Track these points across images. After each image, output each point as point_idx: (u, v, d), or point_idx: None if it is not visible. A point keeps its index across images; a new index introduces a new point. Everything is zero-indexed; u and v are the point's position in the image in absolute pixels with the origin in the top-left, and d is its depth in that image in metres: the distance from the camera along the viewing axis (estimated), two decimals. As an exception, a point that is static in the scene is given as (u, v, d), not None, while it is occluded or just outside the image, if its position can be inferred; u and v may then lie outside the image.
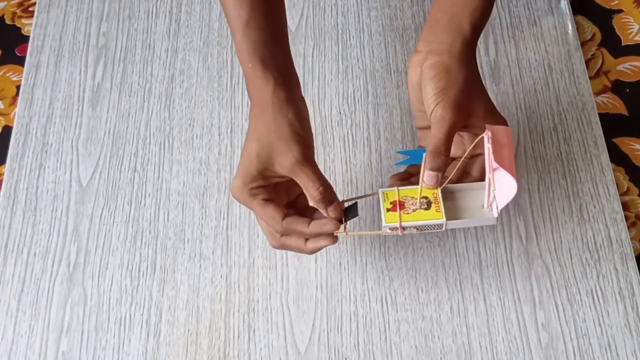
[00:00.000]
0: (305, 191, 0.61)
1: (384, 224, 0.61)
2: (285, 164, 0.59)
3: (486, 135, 0.57)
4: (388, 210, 0.61)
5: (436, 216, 0.61)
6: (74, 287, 0.70)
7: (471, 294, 0.68)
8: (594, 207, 0.73)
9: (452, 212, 0.62)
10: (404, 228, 0.61)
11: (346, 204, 0.63)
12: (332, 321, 0.67)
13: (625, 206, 0.75)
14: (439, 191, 0.61)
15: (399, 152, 0.64)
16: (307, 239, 0.61)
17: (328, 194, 0.60)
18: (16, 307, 0.69)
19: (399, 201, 0.62)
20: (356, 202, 0.63)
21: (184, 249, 0.72)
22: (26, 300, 0.69)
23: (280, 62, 0.62)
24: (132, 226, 0.73)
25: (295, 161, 0.59)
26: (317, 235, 0.61)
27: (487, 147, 0.57)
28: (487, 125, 0.58)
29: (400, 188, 0.63)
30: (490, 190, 0.60)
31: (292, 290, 0.69)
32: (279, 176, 0.60)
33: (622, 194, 0.77)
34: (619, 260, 0.70)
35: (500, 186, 0.58)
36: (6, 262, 0.71)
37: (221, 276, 0.70)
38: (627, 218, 0.73)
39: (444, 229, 0.61)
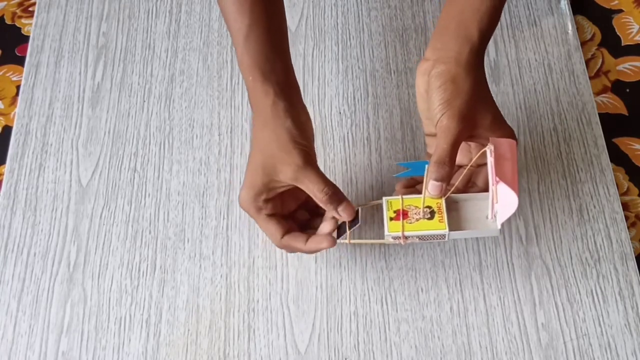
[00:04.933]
0: (312, 196, 0.62)
1: (386, 232, 0.61)
2: (288, 171, 0.60)
3: (489, 150, 0.57)
4: (391, 219, 0.62)
5: (439, 226, 0.60)
6: (74, 287, 0.70)
7: (471, 294, 0.68)
8: (594, 207, 0.73)
9: (455, 223, 0.62)
10: (406, 237, 0.61)
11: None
12: (332, 321, 0.67)
13: (625, 206, 0.75)
14: (442, 201, 0.61)
15: (399, 164, 0.65)
16: (307, 239, 0.63)
17: (335, 194, 0.61)
18: (16, 307, 0.69)
19: (403, 210, 0.62)
20: (357, 210, 0.64)
21: (184, 249, 0.72)
22: (26, 300, 0.69)
23: (280, 74, 0.63)
24: (132, 226, 0.73)
25: (296, 167, 0.60)
26: (314, 251, 0.64)
27: (490, 160, 0.58)
28: (490, 139, 0.58)
29: (404, 197, 0.63)
30: (493, 202, 0.60)
31: (292, 290, 0.69)
32: (284, 185, 0.62)
33: (622, 194, 0.77)
34: (619, 260, 0.70)
35: (502, 200, 0.58)
36: (6, 262, 0.71)
37: (221, 276, 0.70)
38: (627, 218, 0.73)
39: (446, 239, 0.61)
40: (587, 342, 0.66)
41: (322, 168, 0.75)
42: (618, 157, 0.80)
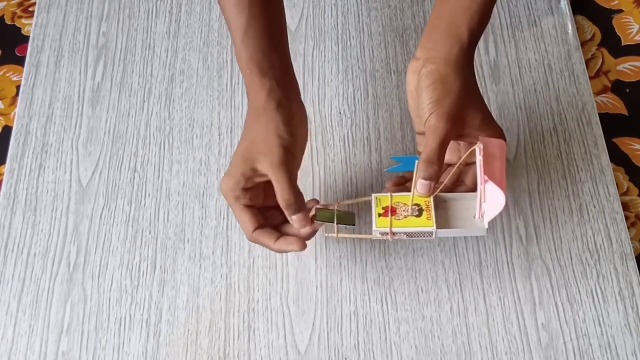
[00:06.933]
0: (276, 194, 0.61)
1: (374, 228, 0.62)
2: (264, 164, 0.61)
3: (478, 148, 0.58)
4: (379, 215, 0.62)
5: (426, 224, 0.61)
6: (74, 287, 0.70)
7: (471, 294, 0.68)
8: (594, 207, 0.73)
9: (442, 221, 0.62)
10: (393, 233, 0.61)
11: (326, 204, 0.64)
12: (332, 321, 0.67)
13: (625, 206, 0.75)
14: (431, 199, 0.62)
15: (392, 158, 0.66)
16: (277, 239, 0.63)
17: (295, 202, 0.61)
18: (16, 307, 0.69)
19: (391, 207, 0.63)
20: (353, 213, 0.65)
21: (184, 249, 0.72)
22: (26, 300, 0.69)
23: (277, 70, 0.63)
24: (132, 226, 0.73)
25: (271, 163, 0.60)
26: (283, 251, 0.63)
27: (478, 159, 0.58)
28: (480, 138, 0.58)
29: (393, 194, 0.63)
30: (481, 201, 0.60)
31: (292, 290, 0.69)
32: (261, 176, 0.62)
33: (622, 194, 0.77)
34: (619, 260, 0.70)
35: (490, 199, 0.59)
36: (6, 262, 0.71)
37: (221, 276, 0.70)
38: (627, 218, 0.73)
39: (433, 237, 0.62)
40: (587, 342, 0.66)
41: (322, 168, 0.75)
42: (618, 157, 0.80)
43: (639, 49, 0.89)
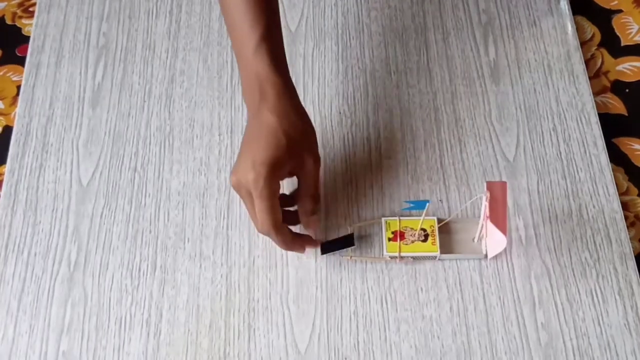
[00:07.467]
0: (304, 193, 0.65)
1: (385, 252, 0.69)
2: (308, 164, 0.64)
3: (485, 196, 0.63)
4: (389, 239, 0.69)
5: (432, 249, 0.69)
6: (75, 287, 0.70)
7: (471, 293, 0.68)
8: (594, 207, 0.73)
9: (446, 246, 0.69)
10: (401, 257, 0.69)
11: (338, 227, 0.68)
12: (332, 321, 0.67)
13: (624, 206, 0.75)
14: (436, 224, 0.69)
15: (405, 202, 0.72)
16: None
17: (318, 203, 0.67)
18: (17, 306, 0.69)
19: (400, 231, 0.69)
20: (352, 234, 0.70)
21: (184, 248, 0.72)
22: (27, 300, 0.69)
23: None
24: (133, 226, 0.73)
25: (313, 164, 0.64)
26: (291, 249, 0.67)
27: (484, 204, 0.64)
28: (487, 183, 0.63)
29: (401, 218, 0.70)
30: (484, 235, 0.68)
31: (292, 289, 0.69)
32: (290, 174, 0.65)
33: (621, 194, 0.77)
34: (619, 260, 0.70)
35: (492, 237, 0.65)
36: (6, 262, 0.71)
37: (221, 276, 0.70)
38: (626, 218, 0.73)
39: (437, 259, 0.69)
40: (586, 341, 0.66)
41: (322, 168, 0.75)
42: (617, 157, 0.80)
43: (638, 49, 0.89)
